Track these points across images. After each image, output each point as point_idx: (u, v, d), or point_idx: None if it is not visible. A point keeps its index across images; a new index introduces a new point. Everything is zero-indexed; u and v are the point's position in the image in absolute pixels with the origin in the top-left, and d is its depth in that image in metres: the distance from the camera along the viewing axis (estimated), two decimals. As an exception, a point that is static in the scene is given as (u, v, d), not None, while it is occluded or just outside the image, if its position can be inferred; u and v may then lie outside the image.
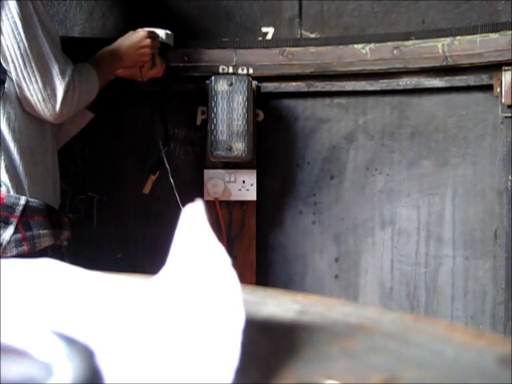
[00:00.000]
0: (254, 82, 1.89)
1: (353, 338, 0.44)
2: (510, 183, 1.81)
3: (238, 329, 0.37)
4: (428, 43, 1.81)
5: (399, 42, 1.83)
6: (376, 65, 1.85)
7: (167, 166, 1.85)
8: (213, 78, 1.86)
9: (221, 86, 1.84)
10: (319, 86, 1.92)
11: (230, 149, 1.84)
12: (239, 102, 1.84)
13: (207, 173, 1.93)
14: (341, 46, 1.86)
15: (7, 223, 1.44)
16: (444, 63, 1.80)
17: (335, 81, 1.91)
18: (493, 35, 1.75)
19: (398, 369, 0.39)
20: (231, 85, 1.84)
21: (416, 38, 1.82)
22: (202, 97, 1.90)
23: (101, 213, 2.00)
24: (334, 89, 1.92)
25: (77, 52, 1.66)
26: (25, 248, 1.44)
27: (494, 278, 1.86)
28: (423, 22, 1.88)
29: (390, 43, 1.84)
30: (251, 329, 0.40)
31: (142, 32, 1.71)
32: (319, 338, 0.44)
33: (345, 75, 1.89)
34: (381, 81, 1.88)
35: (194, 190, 1.92)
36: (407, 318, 0.49)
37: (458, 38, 1.79)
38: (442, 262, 1.90)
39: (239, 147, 1.84)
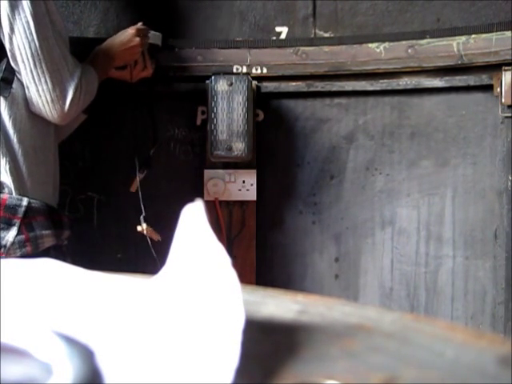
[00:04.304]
0: (254, 82, 1.90)
1: (353, 337, 0.44)
2: (510, 183, 1.81)
3: (238, 329, 0.37)
4: (443, 42, 1.80)
5: (414, 41, 1.82)
6: (390, 64, 1.84)
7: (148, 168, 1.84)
8: (213, 77, 1.86)
9: (221, 86, 1.84)
10: (319, 85, 1.92)
11: (230, 149, 1.84)
12: (239, 102, 1.84)
13: (207, 173, 1.93)
14: (355, 46, 1.86)
15: (10, 224, 1.44)
16: (459, 62, 1.80)
17: (335, 81, 1.91)
18: (509, 33, 1.74)
19: (398, 369, 0.39)
20: (231, 85, 1.84)
21: (431, 37, 1.81)
22: (202, 97, 1.90)
23: (101, 213, 2.00)
24: (334, 89, 1.92)
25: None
26: (28, 249, 1.44)
27: (494, 278, 1.86)
28: (438, 20, 1.87)
29: (404, 42, 1.83)
30: (251, 329, 0.40)
31: (130, 31, 1.72)
32: (319, 338, 0.44)
33: (348, 75, 1.90)
34: (381, 81, 1.88)
35: (193, 189, 1.92)
36: (407, 318, 0.49)
37: (473, 36, 1.78)
38: (442, 262, 1.90)
39: (239, 147, 1.84)
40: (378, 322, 0.48)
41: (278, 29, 1.94)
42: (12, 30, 1.43)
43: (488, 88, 1.82)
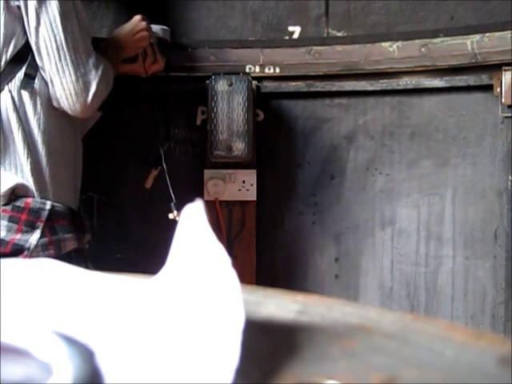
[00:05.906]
0: (254, 82, 1.90)
1: (353, 337, 0.44)
2: (510, 183, 1.81)
3: (237, 329, 0.37)
4: (457, 40, 1.79)
5: (427, 40, 1.82)
6: (404, 63, 1.84)
7: (164, 166, 1.84)
8: (213, 77, 1.86)
9: (221, 86, 1.84)
10: (319, 85, 1.92)
11: (230, 149, 1.84)
12: (239, 102, 1.84)
13: (207, 173, 1.93)
14: (368, 45, 1.85)
15: (34, 227, 1.45)
16: (473, 60, 1.79)
17: (335, 81, 1.91)
18: None
19: (398, 369, 0.39)
20: (231, 85, 1.84)
21: (444, 36, 1.80)
22: (202, 97, 1.90)
23: (101, 213, 2.00)
24: (334, 89, 1.92)
25: None
26: (51, 252, 1.45)
27: (494, 278, 1.86)
28: (452, 18, 1.86)
29: (417, 41, 1.82)
30: (251, 329, 0.40)
31: (135, 17, 1.73)
32: (319, 338, 0.44)
33: (348, 75, 1.90)
34: (381, 81, 1.88)
35: (193, 189, 1.92)
36: (407, 318, 0.49)
37: (487, 34, 1.77)
38: (442, 262, 1.90)
39: (239, 147, 1.84)
40: (378, 322, 0.48)
41: (290, 28, 1.94)
42: (38, 22, 1.44)
43: (488, 88, 1.82)
